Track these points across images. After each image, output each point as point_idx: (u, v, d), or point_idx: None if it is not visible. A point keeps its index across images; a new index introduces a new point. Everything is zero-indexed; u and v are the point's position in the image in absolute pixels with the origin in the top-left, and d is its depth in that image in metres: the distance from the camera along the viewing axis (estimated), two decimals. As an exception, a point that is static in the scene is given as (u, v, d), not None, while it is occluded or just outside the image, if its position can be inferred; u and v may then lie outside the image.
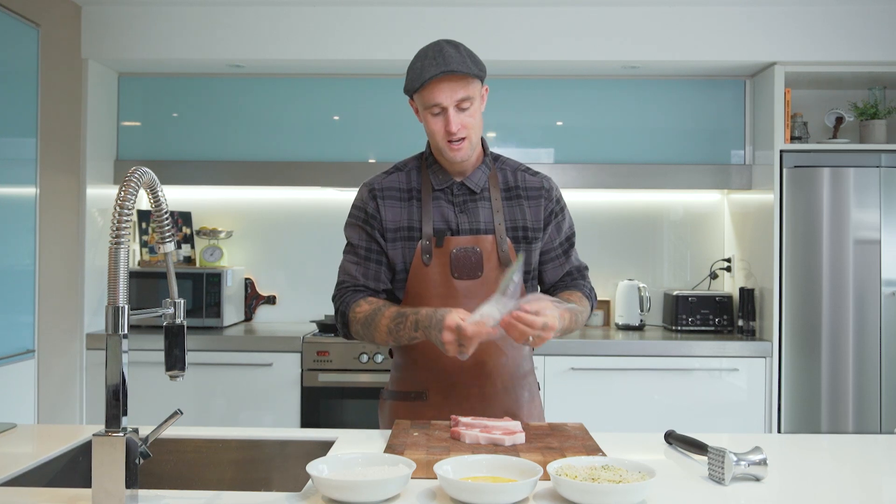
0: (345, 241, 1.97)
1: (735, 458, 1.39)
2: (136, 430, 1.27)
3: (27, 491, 1.37)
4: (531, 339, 1.66)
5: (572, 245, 2.01)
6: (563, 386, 3.42)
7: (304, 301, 4.05)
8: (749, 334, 3.63)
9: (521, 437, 1.64)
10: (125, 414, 1.28)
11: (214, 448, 1.72)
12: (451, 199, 1.90)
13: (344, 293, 1.90)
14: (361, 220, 1.93)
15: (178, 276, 1.83)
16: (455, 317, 1.65)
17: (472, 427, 1.66)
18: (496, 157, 1.98)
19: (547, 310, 1.66)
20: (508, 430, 1.64)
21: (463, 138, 1.82)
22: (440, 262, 1.85)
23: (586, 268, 2.05)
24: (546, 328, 1.65)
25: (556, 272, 1.98)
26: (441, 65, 1.77)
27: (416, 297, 1.87)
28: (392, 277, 1.92)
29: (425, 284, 1.86)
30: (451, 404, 1.87)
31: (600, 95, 3.86)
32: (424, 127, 1.86)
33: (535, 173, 1.99)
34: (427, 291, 1.85)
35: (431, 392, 1.90)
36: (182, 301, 1.50)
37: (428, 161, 1.93)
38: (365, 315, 1.84)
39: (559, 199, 1.99)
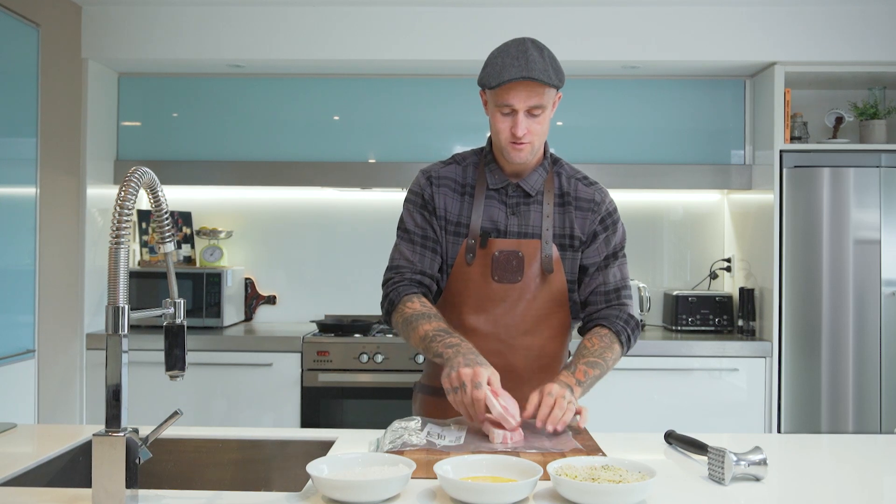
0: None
1: (735, 458, 1.39)
2: (136, 430, 1.27)
3: (27, 491, 1.37)
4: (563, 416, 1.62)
5: (616, 258, 1.91)
6: (563, 386, 3.41)
7: (304, 301, 4.05)
8: (749, 334, 3.63)
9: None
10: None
11: (214, 448, 1.72)
12: (505, 200, 1.88)
13: (400, 282, 1.86)
14: (419, 205, 1.90)
15: (178, 276, 1.83)
16: (475, 373, 1.59)
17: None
18: (556, 161, 1.94)
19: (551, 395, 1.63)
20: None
21: (527, 142, 1.79)
22: (482, 263, 1.85)
23: (626, 287, 1.91)
24: (565, 406, 1.61)
25: (590, 285, 1.90)
26: (523, 69, 1.71)
27: (455, 294, 1.87)
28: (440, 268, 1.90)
29: (465, 284, 1.85)
30: None
31: (600, 95, 3.86)
32: (490, 122, 1.83)
33: (591, 184, 1.93)
34: (466, 290, 1.85)
35: None
36: (182, 301, 1.50)
37: (486, 158, 1.90)
38: (412, 314, 1.79)
39: (611, 213, 1.92)
